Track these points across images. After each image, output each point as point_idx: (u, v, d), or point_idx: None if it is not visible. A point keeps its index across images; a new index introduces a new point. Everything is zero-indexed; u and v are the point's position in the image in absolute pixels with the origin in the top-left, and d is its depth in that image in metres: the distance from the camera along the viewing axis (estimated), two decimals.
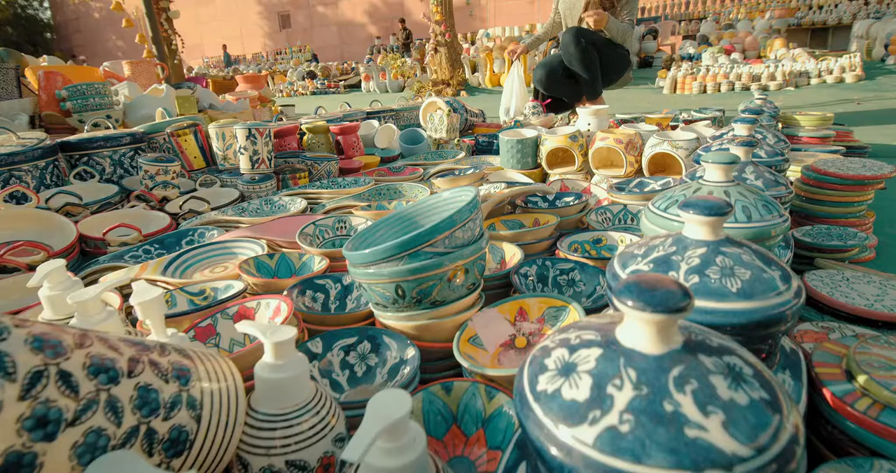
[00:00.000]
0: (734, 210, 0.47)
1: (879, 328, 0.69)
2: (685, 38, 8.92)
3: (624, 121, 1.76)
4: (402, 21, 13.13)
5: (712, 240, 0.47)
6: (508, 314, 0.71)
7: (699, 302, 0.43)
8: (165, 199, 1.53)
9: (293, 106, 3.85)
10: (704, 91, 5.24)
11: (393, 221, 0.78)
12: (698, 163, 1.01)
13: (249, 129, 1.48)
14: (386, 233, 0.76)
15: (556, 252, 0.93)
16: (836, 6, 8.83)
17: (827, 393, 0.50)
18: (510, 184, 1.33)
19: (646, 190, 1.20)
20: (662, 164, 1.44)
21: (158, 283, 0.97)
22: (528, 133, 1.66)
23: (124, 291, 1.01)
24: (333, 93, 9.16)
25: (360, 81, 9.19)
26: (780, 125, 1.90)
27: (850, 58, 5.09)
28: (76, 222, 1.29)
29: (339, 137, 1.93)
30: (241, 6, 18.96)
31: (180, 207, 1.39)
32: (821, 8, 9.00)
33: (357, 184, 1.59)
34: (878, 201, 1.41)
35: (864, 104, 4.01)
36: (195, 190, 1.58)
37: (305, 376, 0.44)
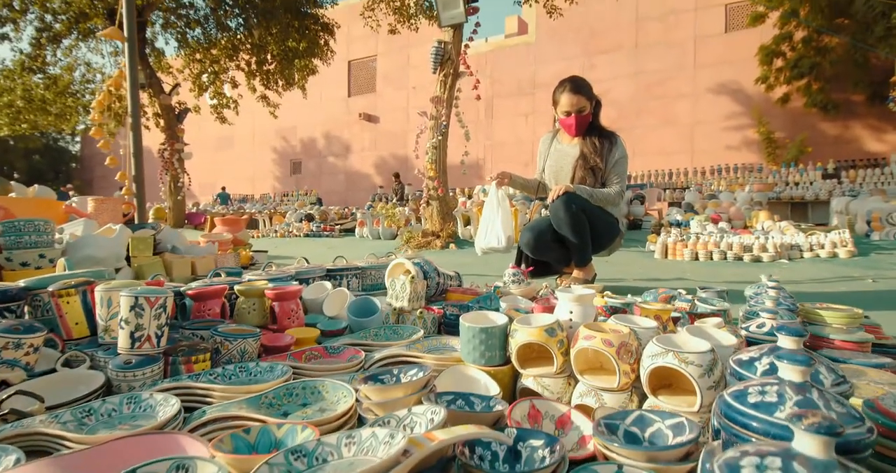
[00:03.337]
0: None
1: None
2: (671, 204, 9.29)
3: (615, 310, 1.45)
4: (397, 175, 14.16)
5: None
6: None
7: None
8: (5, 384, 1.14)
9: (266, 252, 3.64)
10: (696, 258, 5.12)
11: None
12: (729, 418, 0.65)
13: (136, 298, 1.16)
14: None
15: None
16: (811, 184, 9.36)
17: None
18: (459, 398, 0.96)
19: (649, 432, 0.83)
20: (667, 377, 1.09)
21: None
22: (498, 318, 1.34)
23: None
24: (328, 236, 9.22)
25: (355, 226, 9.31)
26: (799, 320, 1.59)
27: (839, 233, 5.08)
28: None
29: (275, 304, 1.61)
30: (258, 153, 20.52)
31: None
32: (797, 184, 9.54)
33: (272, 373, 1.22)
34: None
35: (868, 284, 3.81)
36: (54, 370, 1.20)
37: None
